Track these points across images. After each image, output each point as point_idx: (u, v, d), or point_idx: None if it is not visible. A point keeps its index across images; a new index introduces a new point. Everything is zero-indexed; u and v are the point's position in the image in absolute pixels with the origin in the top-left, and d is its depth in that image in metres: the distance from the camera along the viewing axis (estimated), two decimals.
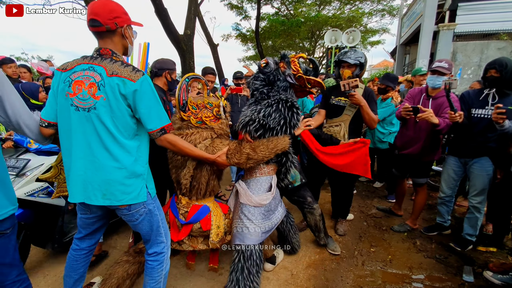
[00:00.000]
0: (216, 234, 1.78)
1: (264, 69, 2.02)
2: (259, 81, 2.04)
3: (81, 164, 1.32)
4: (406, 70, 10.79)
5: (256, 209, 1.90)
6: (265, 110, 1.85)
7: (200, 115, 1.79)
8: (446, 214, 2.74)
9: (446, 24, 7.21)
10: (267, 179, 2.00)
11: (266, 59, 2.05)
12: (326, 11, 16.30)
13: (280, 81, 2.03)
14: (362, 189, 4.22)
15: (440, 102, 2.53)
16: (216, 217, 1.82)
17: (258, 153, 1.74)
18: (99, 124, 1.28)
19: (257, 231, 1.85)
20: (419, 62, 7.92)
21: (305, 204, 2.34)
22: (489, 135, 2.30)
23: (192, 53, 8.65)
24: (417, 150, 2.67)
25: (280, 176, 2.10)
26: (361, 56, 2.47)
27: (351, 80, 2.28)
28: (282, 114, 1.85)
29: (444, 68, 2.44)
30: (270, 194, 1.96)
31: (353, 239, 2.75)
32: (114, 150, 1.31)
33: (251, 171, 1.98)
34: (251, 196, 1.90)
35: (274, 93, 2.00)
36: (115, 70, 1.27)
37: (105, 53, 1.32)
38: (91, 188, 1.33)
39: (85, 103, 1.26)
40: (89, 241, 1.60)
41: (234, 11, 14.67)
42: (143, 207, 1.43)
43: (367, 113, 2.38)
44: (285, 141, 1.82)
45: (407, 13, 10.24)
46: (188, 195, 1.81)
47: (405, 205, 3.37)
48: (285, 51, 2.10)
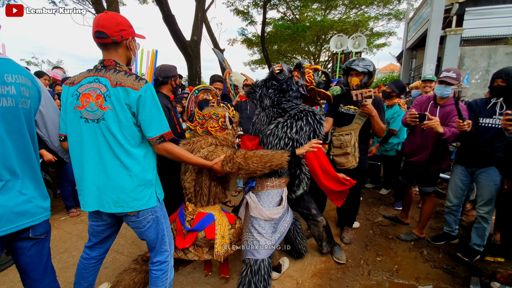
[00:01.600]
0: (221, 245, 1.79)
1: (278, 75, 1.97)
2: (272, 89, 2.00)
3: (94, 174, 1.36)
4: (413, 74, 10.71)
5: (266, 223, 1.90)
6: (296, 124, 1.82)
7: (206, 125, 1.84)
8: (454, 224, 2.71)
9: (453, 29, 7.16)
10: (278, 192, 1.99)
11: (280, 65, 1.98)
12: (331, 15, 16.34)
13: (292, 90, 2.00)
14: (368, 196, 4.20)
15: (448, 111, 2.52)
16: (221, 226, 1.83)
17: (250, 165, 1.65)
18: (108, 134, 1.32)
19: (267, 244, 1.85)
20: (426, 67, 7.87)
21: (310, 216, 2.35)
22: (496, 144, 2.28)
23: (198, 58, 8.76)
24: (424, 158, 2.66)
25: (293, 188, 2.09)
26: (370, 65, 2.47)
27: (364, 90, 2.28)
28: (312, 127, 1.84)
29: (452, 79, 2.43)
30: (281, 208, 1.95)
31: (359, 248, 2.74)
32: (124, 159, 1.35)
33: (263, 183, 1.96)
34: (262, 210, 1.88)
35: (290, 104, 1.95)
36: (118, 80, 1.31)
37: (109, 64, 1.38)
38: (104, 197, 1.37)
39: (94, 115, 1.31)
40: (99, 250, 1.64)
41: (240, 16, 14.79)
42: (151, 214, 1.47)
43: (377, 122, 2.39)
44: (282, 157, 1.70)
45: (413, 18, 10.20)
46: (194, 201, 1.84)
47: (412, 213, 3.35)
48: (301, 60, 2.08)
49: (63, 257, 2.51)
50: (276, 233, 1.94)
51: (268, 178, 1.95)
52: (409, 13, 11.47)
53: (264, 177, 1.95)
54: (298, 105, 1.93)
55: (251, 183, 2.02)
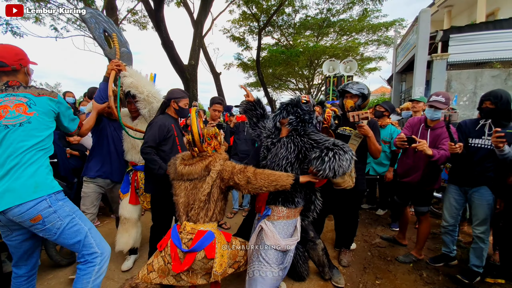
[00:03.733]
0: (219, 264, 1.75)
1: (304, 104, 1.98)
2: (295, 116, 1.98)
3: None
4: (403, 97, 11.04)
5: (276, 253, 1.86)
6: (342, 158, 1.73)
7: (213, 144, 1.95)
8: (451, 244, 2.69)
9: (439, 54, 7.52)
10: (293, 222, 1.96)
11: (308, 97, 2.01)
12: (324, 41, 17.06)
13: (312, 124, 2.02)
14: (365, 216, 4.17)
15: (439, 133, 2.59)
16: (220, 245, 1.81)
17: (258, 180, 1.73)
18: (26, 134, 1.51)
19: (274, 276, 1.81)
20: (415, 89, 8.14)
21: (308, 239, 2.31)
22: (487, 164, 2.33)
23: (195, 82, 8.95)
24: (417, 178, 2.69)
25: (308, 213, 2.08)
26: (364, 88, 2.55)
27: (361, 112, 2.33)
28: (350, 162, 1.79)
29: (440, 103, 2.51)
30: (295, 239, 1.93)
31: (358, 271, 2.68)
32: (33, 157, 1.51)
33: (279, 212, 1.94)
34: (279, 239, 1.85)
35: (320, 136, 1.92)
36: (40, 91, 1.61)
37: (14, 84, 1.57)
38: None
39: (17, 120, 1.50)
40: (25, 268, 1.67)
41: (236, 42, 15.35)
42: (52, 212, 1.51)
43: (373, 143, 2.42)
44: (287, 179, 1.76)
45: (401, 44, 10.70)
46: (195, 219, 1.81)
47: (409, 234, 3.32)
48: (323, 98, 2.12)
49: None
50: (283, 264, 1.89)
51: (284, 208, 1.94)
52: (397, 40, 12.03)
53: (281, 205, 1.94)
54: (328, 138, 1.89)
55: (267, 211, 1.98)
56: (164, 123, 2.38)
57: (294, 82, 21.98)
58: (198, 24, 9.17)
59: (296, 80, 21.58)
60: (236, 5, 12.80)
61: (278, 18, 14.49)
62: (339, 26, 15.49)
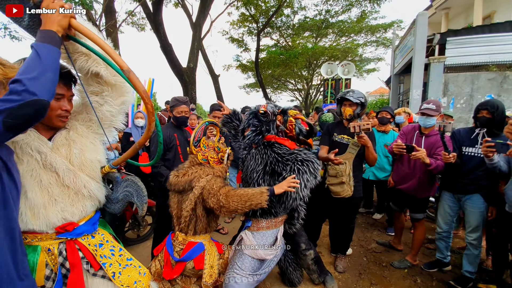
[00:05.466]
0: (209, 275, 1.79)
1: (261, 116, 1.94)
2: (252, 131, 1.96)
3: None
4: (401, 98, 11.09)
5: (251, 260, 1.88)
6: (302, 178, 1.76)
7: (207, 155, 1.93)
8: (445, 250, 2.74)
9: (436, 57, 7.55)
10: (273, 233, 1.98)
11: (265, 107, 1.95)
12: (322, 42, 17.11)
13: (270, 133, 1.98)
14: (361, 221, 4.22)
15: (433, 141, 2.63)
16: (210, 256, 1.83)
17: (230, 203, 1.65)
18: None
19: (249, 281, 1.84)
20: (413, 92, 8.19)
21: (298, 249, 2.34)
22: (479, 172, 2.38)
23: (194, 84, 8.98)
24: (412, 186, 2.74)
25: (293, 221, 2.10)
26: (362, 96, 2.58)
27: (362, 123, 2.36)
28: (314, 176, 1.81)
29: (431, 110, 2.57)
30: (274, 250, 1.95)
31: (353, 276, 2.72)
32: None
33: (258, 223, 1.96)
34: (257, 250, 1.88)
35: (283, 149, 1.89)
36: None
37: None
38: None
39: None
40: None
41: (235, 44, 15.39)
42: None
43: (371, 153, 2.46)
44: (261, 196, 1.66)
45: (399, 46, 10.74)
46: (185, 231, 1.85)
47: (405, 239, 3.36)
48: (288, 107, 2.04)
49: None
50: (259, 271, 1.91)
51: (263, 219, 1.95)
52: (395, 41, 12.08)
53: (260, 217, 1.95)
54: (293, 153, 1.85)
55: (247, 222, 2.00)
56: (166, 133, 2.43)
57: (293, 83, 22.06)
58: (197, 27, 9.21)
59: (295, 81, 21.65)
60: (235, 7, 12.83)
61: (277, 20, 14.53)
62: (337, 27, 15.55)
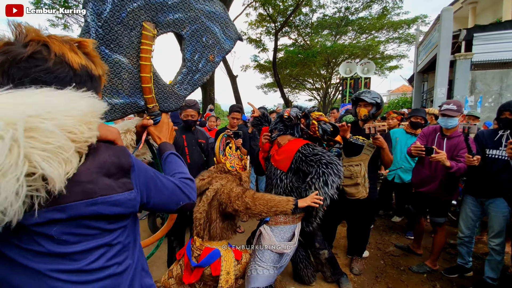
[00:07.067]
0: (225, 281, 1.82)
1: (286, 120, 2.11)
2: (277, 135, 2.14)
3: None
4: (425, 97, 10.68)
5: (271, 254, 1.96)
6: (327, 182, 1.89)
7: (234, 162, 2.03)
8: (467, 255, 2.65)
9: (462, 54, 7.22)
10: (291, 228, 2.05)
11: (289, 112, 2.09)
12: (342, 40, 16.81)
13: (294, 136, 2.14)
14: (380, 223, 4.14)
15: (456, 142, 2.55)
16: (226, 263, 1.86)
17: (257, 206, 1.72)
18: None
19: (270, 273, 1.92)
20: (437, 90, 7.87)
21: (312, 248, 2.37)
22: (503, 176, 2.29)
23: (212, 85, 9.17)
24: (433, 188, 2.66)
25: (311, 219, 2.14)
26: (377, 97, 2.55)
27: (378, 124, 2.35)
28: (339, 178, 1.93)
29: (452, 111, 2.49)
30: (292, 244, 2.02)
31: (369, 279, 2.70)
32: None
33: (276, 218, 2.03)
34: (275, 242, 1.96)
35: (311, 150, 2.00)
36: None
37: None
38: None
39: None
40: None
41: (253, 44, 15.48)
42: None
43: (387, 154, 2.44)
44: (287, 205, 1.74)
45: (423, 42, 10.34)
46: (201, 235, 1.89)
47: (425, 243, 3.28)
48: (309, 110, 2.16)
49: None
50: (278, 264, 2.00)
51: (281, 215, 2.01)
52: (419, 38, 11.64)
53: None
54: (317, 154, 1.95)
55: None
56: (178, 136, 2.57)
57: (311, 82, 21.82)
58: None
59: (313, 80, 21.41)
60: (253, 8, 12.90)
61: (295, 18, 14.45)
62: (358, 25, 15.23)
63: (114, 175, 0.66)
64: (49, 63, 0.61)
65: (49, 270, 0.59)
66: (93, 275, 0.65)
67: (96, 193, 0.61)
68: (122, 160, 0.68)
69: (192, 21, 1.25)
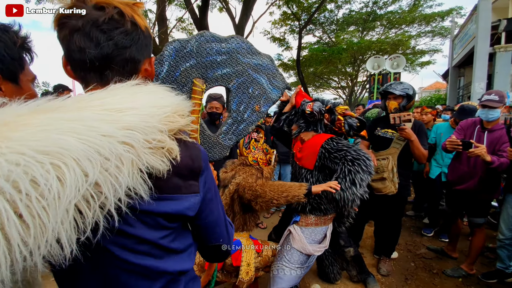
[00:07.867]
0: (245, 272, 1.83)
1: (308, 116, 1.95)
2: (297, 131, 2.03)
3: None
4: (461, 93, 10.00)
5: (301, 256, 1.91)
6: (355, 179, 1.73)
7: (257, 156, 2.00)
8: (507, 259, 2.44)
9: (502, 45, 6.66)
10: (322, 230, 1.98)
11: (311, 107, 1.91)
12: (369, 36, 16.22)
13: (317, 132, 2.00)
14: (410, 224, 3.95)
15: (497, 136, 2.36)
16: (247, 254, 1.87)
17: (267, 193, 1.64)
18: None
19: (297, 274, 1.88)
20: (475, 85, 7.35)
21: (337, 245, 2.31)
22: None
23: None
24: (472, 185, 2.48)
25: (343, 219, 2.09)
26: (408, 88, 2.45)
27: (403, 114, 2.26)
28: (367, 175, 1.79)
29: (494, 102, 2.31)
30: (323, 246, 1.95)
31: (398, 281, 2.58)
32: None
33: (307, 219, 1.95)
34: (306, 244, 1.90)
35: (334, 146, 1.86)
36: None
37: None
38: None
39: None
40: None
41: (277, 43, 15.41)
42: None
43: (417, 147, 2.32)
44: (300, 189, 1.66)
45: (458, 35, 9.70)
46: None
47: (460, 246, 3.07)
48: (334, 104, 2.01)
49: None
50: (305, 265, 1.94)
51: (312, 215, 1.95)
52: (454, 31, 10.93)
53: (309, 213, 1.95)
54: (341, 150, 1.80)
55: (295, 217, 2.02)
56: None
57: (337, 80, 21.31)
58: (240, 28, 9.46)
59: (338, 78, 20.90)
60: (277, 6, 12.84)
61: (320, 16, 14.17)
62: (386, 19, 14.59)
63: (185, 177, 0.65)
64: (127, 25, 0.61)
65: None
66: None
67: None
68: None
69: (239, 74, 1.31)
